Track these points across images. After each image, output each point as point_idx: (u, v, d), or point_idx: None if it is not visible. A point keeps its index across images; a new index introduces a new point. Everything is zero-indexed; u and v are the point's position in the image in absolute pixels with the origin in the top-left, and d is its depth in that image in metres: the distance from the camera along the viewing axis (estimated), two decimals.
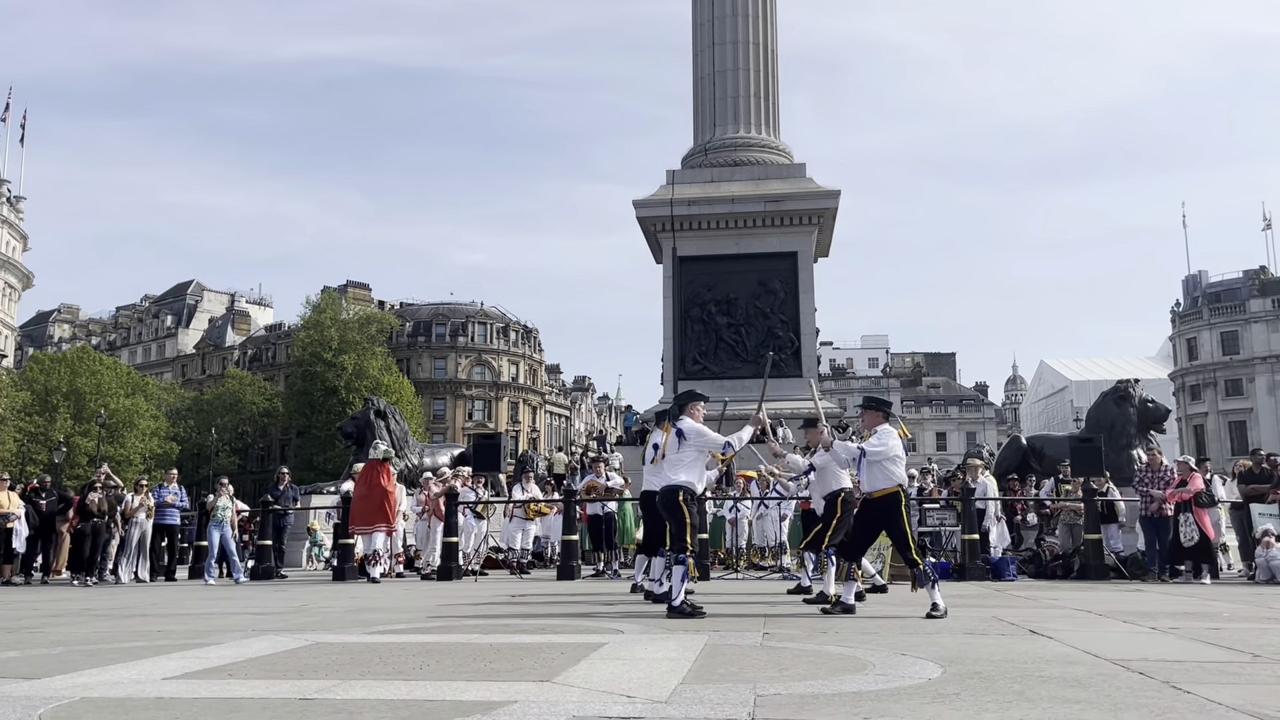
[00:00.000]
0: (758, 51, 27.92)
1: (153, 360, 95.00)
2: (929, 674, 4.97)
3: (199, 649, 6.27)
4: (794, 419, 25.23)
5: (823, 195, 26.59)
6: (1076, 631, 7.11)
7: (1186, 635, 6.95)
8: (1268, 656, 5.73)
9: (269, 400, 72.60)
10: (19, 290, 66.97)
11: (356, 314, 71.47)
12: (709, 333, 25.85)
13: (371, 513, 15.61)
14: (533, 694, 4.37)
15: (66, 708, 4.22)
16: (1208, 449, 62.58)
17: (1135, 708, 4.08)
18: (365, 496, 15.72)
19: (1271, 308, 71.24)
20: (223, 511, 16.73)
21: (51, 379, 57.32)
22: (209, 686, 4.77)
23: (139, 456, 56.90)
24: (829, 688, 4.57)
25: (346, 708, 4.14)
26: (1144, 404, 23.25)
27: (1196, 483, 14.36)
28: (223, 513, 16.72)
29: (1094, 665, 5.33)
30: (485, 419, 79.87)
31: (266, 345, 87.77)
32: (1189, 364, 74.53)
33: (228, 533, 16.81)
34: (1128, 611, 8.83)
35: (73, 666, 5.49)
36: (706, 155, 27.70)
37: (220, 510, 16.71)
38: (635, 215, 27.08)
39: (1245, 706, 4.08)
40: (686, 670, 5.07)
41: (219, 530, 16.60)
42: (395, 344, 76.74)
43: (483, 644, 6.41)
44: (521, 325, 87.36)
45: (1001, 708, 4.10)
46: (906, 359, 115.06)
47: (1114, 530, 15.93)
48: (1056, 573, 15.15)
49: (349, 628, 7.62)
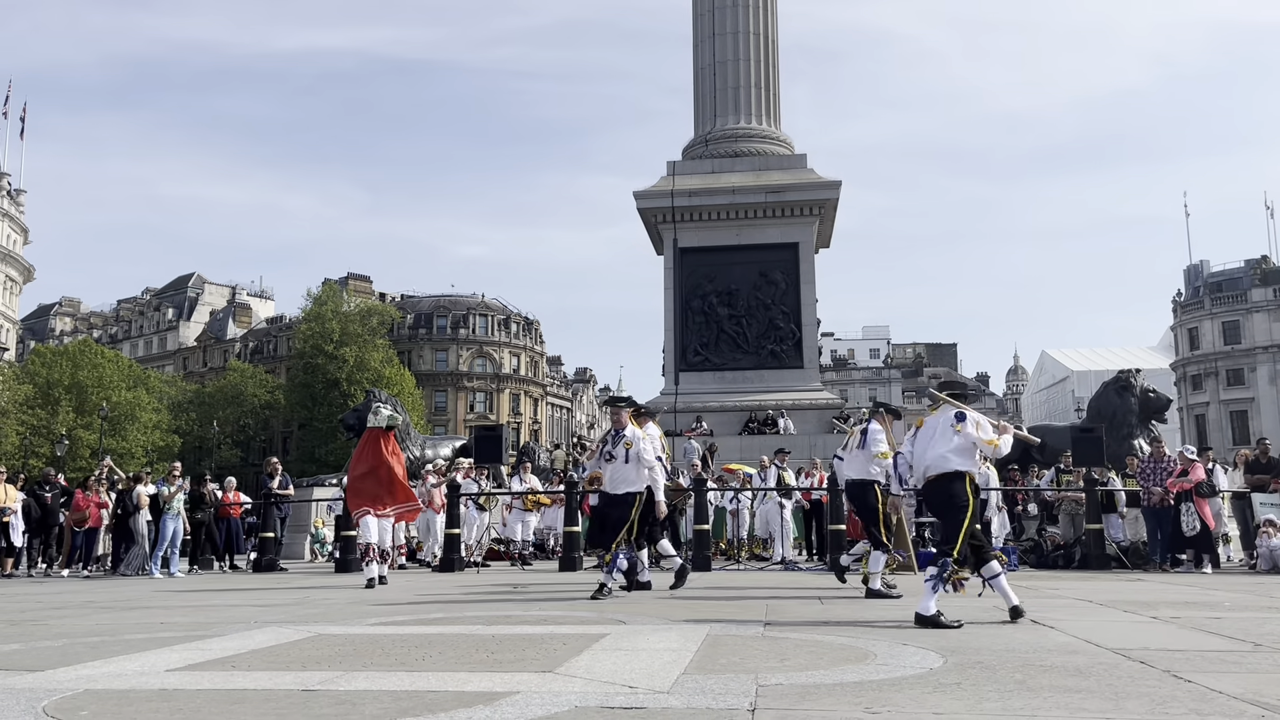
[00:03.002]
0: (758, 42, 27.87)
1: (154, 353, 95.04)
2: (930, 664, 4.97)
3: (202, 641, 6.28)
4: (795, 410, 25.30)
5: (824, 186, 26.57)
6: (1078, 621, 7.12)
7: (1187, 625, 6.95)
8: (1269, 645, 5.74)
9: (270, 393, 72.65)
10: (20, 283, 66.97)
11: (358, 306, 71.48)
12: (710, 324, 25.86)
13: (378, 492, 12.56)
14: (535, 684, 4.38)
15: (70, 700, 4.23)
16: (1209, 439, 62.54)
17: (1136, 697, 4.09)
18: (368, 474, 12.72)
19: (1273, 297, 71.13)
20: (175, 502, 16.49)
21: (53, 372, 57.36)
22: (212, 678, 4.78)
23: (141, 449, 56.94)
24: (830, 678, 4.57)
25: (349, 699, 4.15)
26: (1145, 394, 23.23)
27: (1198, 472, 14.37)
28: (174, 503, 16.47)
29: (1095, 655, 5.33)
30: (487, 411, 79.95)
31: (268, 338, 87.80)
32: (1190, 354, 74.46)
33: (177, 526, 16.51)
34: (1129, 601, 8.84)
35: (76, 659, 5.51)
36: (707, 146, 27.67)
37: (175, 501, 16.48)
38: (636, 206, 27.07)
39: (1246, 695, 4.09)
40: (688, 660, 5.08)
41: (173, 523, 16.38)
42: (396, 336, 76.76)
43: (485, 635, 6.42)
44: (523, 317, 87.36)
45: (1003, 697, 4.10)
46: (908, 350, 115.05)
47: (1115, 520, 15.94)
48: (1058, 562, 15.16)
49: (351, 619, 7.64)
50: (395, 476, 12.57)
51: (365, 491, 12.54)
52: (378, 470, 12.51)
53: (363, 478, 12.65)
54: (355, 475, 12.91)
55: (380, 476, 12.51)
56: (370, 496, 12.45)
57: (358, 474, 12.81)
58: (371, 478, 12.54)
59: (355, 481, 12.90)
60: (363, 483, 12.64)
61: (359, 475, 12.76)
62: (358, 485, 12.77)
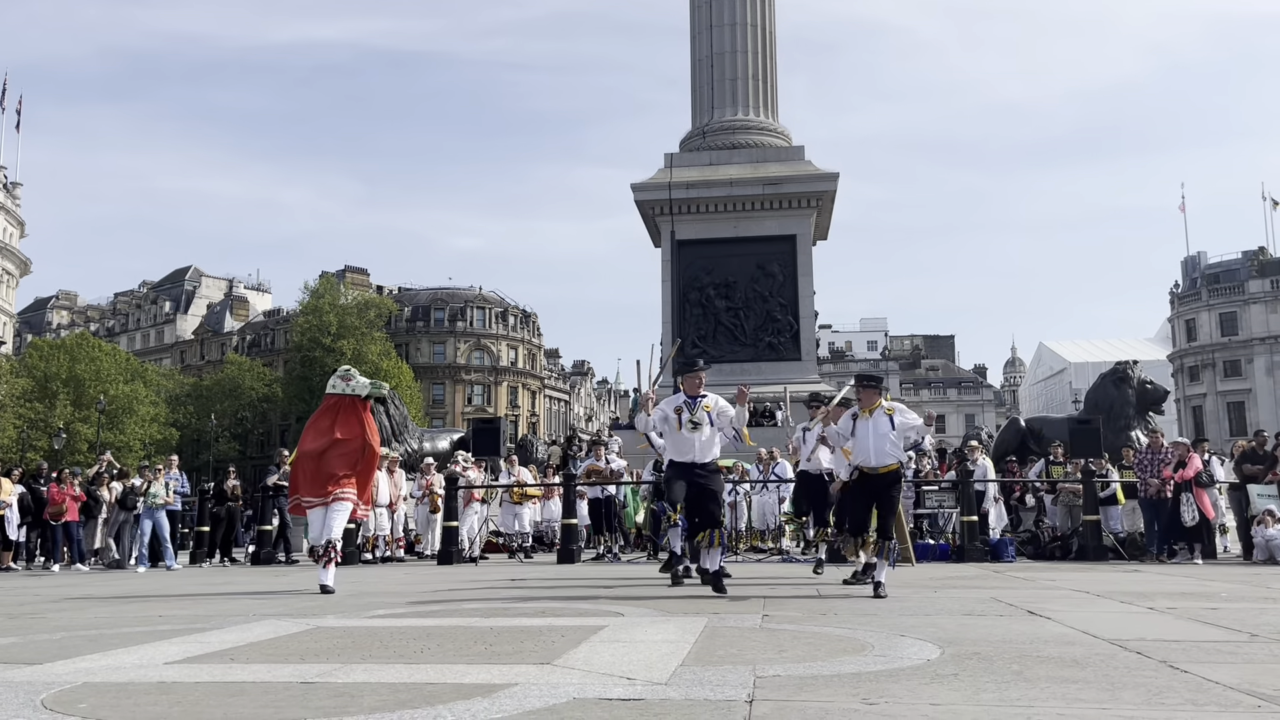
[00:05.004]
0: (756, 33, 27.81)
1: (151, 346, 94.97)
2: (927, 655, 4.98)
3: (200, 634, 6.28)
4: (794, 402, 25.29)
5: (821, 178, 26.55)
6: (1074, 612, 7.14)
7: (1184, 615, 6.97)
8: (1265, 636, 5.75)
9: (268, 386, 72.61)
10: (17, 277, 66.84)
11: (355, 299, 71.45)
12: (708, 316, 25.85)
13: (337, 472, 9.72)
14: (533, 676, 4.39)
15: (69, 693, 4.23)
16: (1206, 430, 62.63)
17: (1132, 687, 4.10)
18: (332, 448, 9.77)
19: (1270, 288, 71.20)
20: (153, 498, 16.44)
21: (51, 365, 57.30)
22: (210, 671, 4.78)
23: (139, 442, 56.92)
24: (828, 669, 4.58)
25: (348, 691, 4.15)
26: (1142, 385, 23.31)
27: (1195, 463, 14.39)
28: (153, 499, 16.42)
29: (1091, 645, 5.34)
30: (484, 404, 79.94)
31: (265, 331, 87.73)
32: (1188, 345, 74.55)
33: (161, 519, 16.52)
34: (1126, 592, 8.85)
35: (74, 652, 5.51)
36: (705, 138, 27.64)
37: (151, 497, 16.44)
38: (634, 199, 27.05)
39: (1242, 685, 4.10)
40: (686, 652, 5.09)
41: (150, 518, 16.37)
42: (394, 329, 76.71)
43: (483, 627, 6.43)
44: (520, 310, 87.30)
45: (999, 688, 4.11)
46: (905, 341, 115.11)
47: (1113, 511, 15.97)
48: (1055, 554, 15.19)
49: (350, 612, 7.64)
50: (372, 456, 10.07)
51: (321, 472, 9.73)
52: (348, 444, 9.83)
53: (324, 452, 9.79)
54: (312, 448, 9.87)
55: (348, 451, 9.83)
56: (326, 477, 9.68)
57: (316, 447, 9.84)
58: (338, 453, 9.80)
59: (308, 456, 9.87)
60: (324, 458, 9.77)
61: (317, 450, 9.82)
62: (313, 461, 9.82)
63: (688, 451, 9.06)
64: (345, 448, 9.81)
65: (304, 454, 9.95)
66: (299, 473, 9.96)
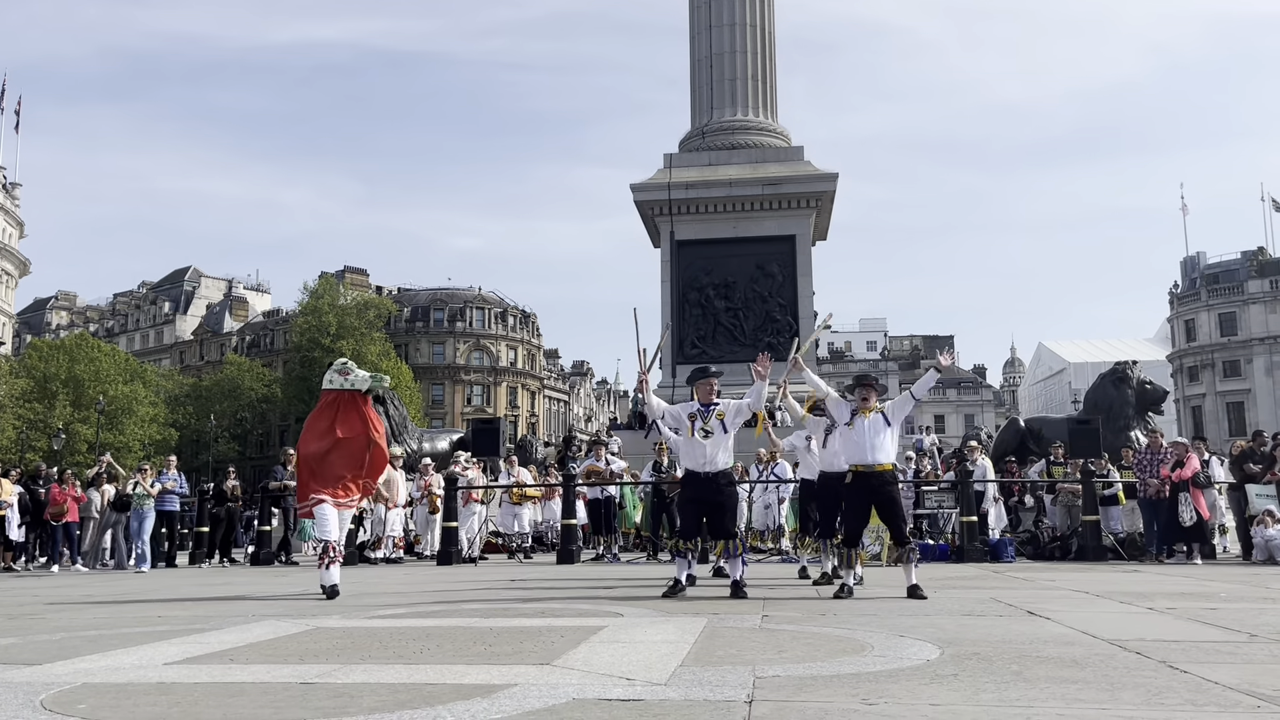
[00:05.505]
0: (755, 33, 27.81)
1: (151, 347, 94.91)
2: (927, 655, 4.99)
3: (200, 634, 6.28)
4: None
5: (821, 178, 26.54)
6: (1074, 612, 7.14)
7: (1183, 615, 6.97)
8: (1264, 636, 5.75)
9: (267, 386, 72.58)
10: (16, 277, 66.83)
11: (354, 299, 71.43)
12: (707, 316, 25.84)
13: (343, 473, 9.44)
14: (533, 677, 4.39)
15: (68, 693, 4.23)
16: (1205, 430, 62.59)
17: (1132, 687, 4.10)
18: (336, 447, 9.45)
19: (1269, 289, 71.20)
20: (139, 499, 16.36)
21: (50, 366, 57.28)
22: (210, 671, 4.78)
23: (138, 443, 56.89)
24: (828, 669, 4.58)
25: (347, 691, 4.15)
26: (1142, 385, 23.31)
27: (1193, 463, 14.39)
28: (140, 500, 16.34)
29: (1091, 645, 5.35)
30: (484, 404, 79.92)
31: (264, 331, 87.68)
32: (1187, 345, 74.54)
33: (146, 518, 16.42)
34: (1125, 592, 8.86)
35: (74, 652, 5.51)
36: (704, 138, 27.63)
37: (139, 499, 16.36)
38: (633, 199, 27.04)
39: (1241, 685, 4.10)
40: (686, 653, 5.09)
41: (138, 518, 16.31)
42: (393, 329, 76.69)
43: (482, 628, 6.43)
44: (519, 310, 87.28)
45: (999, 688, 4.11)
46: (905, 341, 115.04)
47: (1112, 511, 15.97)
48: (1054, 554, 15.19)
49: (349, 612, 7.64)
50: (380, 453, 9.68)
51: (328, 471, 9.36)
52: (351, 442, 9.42)
53: (327, 454, 9.41)
54: (315, 449, 9.50)
55: (353, 450, 9.44)
56: (334, 479, 9.34)
57: (319, 448, 9.46)
58: (342, 453, 9.42)
59: (312, 458, 9.50)
60: (327, 460, 9.40)
61: (319, 452, 9.45)
62: (317, 463, 9.45)
63: (699, 459, 9.18)
64: (348, 447, 9.41)
65: (305, 457, 9.57)
66: (303, 478, 9.60)
